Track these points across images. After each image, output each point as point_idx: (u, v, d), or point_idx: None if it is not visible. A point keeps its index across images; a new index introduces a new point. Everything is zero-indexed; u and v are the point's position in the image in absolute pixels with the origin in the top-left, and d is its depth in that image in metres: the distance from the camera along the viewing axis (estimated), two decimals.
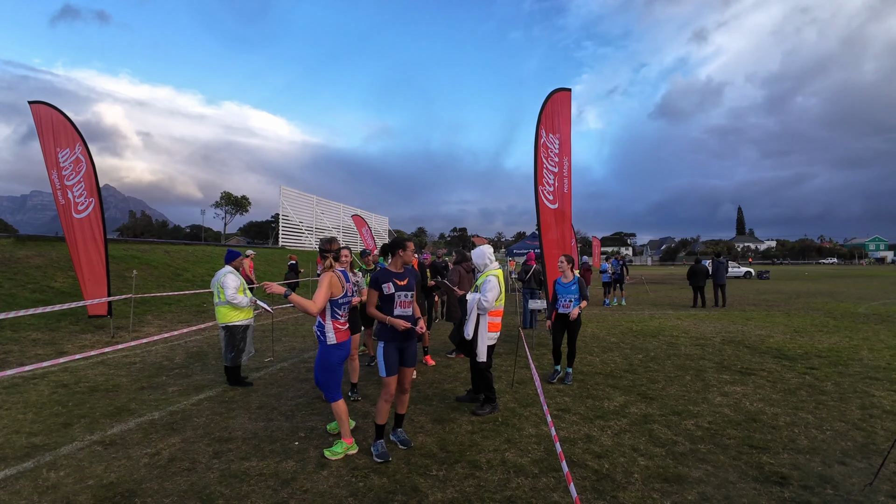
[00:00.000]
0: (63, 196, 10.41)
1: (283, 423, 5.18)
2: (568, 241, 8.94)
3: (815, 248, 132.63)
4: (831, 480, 3.86)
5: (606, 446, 4.52)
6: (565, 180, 8.87)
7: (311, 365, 7.79)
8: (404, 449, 4.47)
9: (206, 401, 5.96)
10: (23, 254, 13.87)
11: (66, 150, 10.35)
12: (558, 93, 8.92)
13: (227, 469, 4.09)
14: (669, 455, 4.32)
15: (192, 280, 16.92)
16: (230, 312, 6.47)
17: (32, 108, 10.69)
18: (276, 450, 4.47)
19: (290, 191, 34.35)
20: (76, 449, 4.55)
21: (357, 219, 28.54)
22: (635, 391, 6.26)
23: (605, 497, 3.61)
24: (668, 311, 15.16)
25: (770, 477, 3.92)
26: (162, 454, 4.40)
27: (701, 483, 3.82)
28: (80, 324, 10.91)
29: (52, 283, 12.70)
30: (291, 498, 3.61)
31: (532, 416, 5.34)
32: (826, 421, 5.16)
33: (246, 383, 6.62)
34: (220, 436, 4.81)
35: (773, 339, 9.82)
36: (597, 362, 7.90)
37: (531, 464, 4.17)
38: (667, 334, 10.61)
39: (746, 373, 7.12)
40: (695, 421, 5.15)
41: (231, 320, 6.45)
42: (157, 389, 6.47)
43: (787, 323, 12.31)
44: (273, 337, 9.52)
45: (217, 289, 6.50)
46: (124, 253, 16.56)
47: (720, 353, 8.49)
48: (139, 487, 3.80)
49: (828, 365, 7.57)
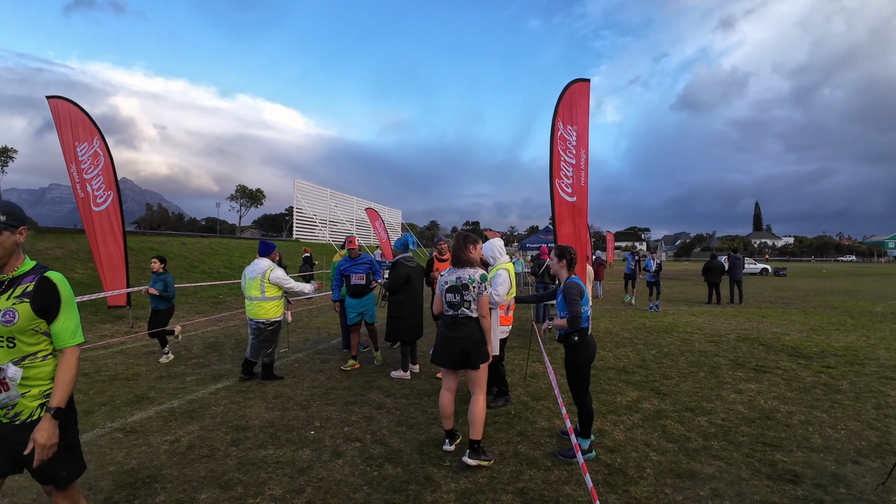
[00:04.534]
0: (82, 189, 10.58)
1: (299, 412, 5.26)
2: (582, 235, 8.89)
3: (833, 245, 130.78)
4: (844, 479, 3.84)
5: (619, 441, 4.54)
6: (582, 173, 8.80)
7: (325, 356, 7.88)
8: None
9: (224, 390, 6.06)
10: (43, 246, 14.14)
11: (84, 144, 10.51)
12: (577, 83, 8.81)
13: (245, 457, 4.17)
14: (682, 451, 4.33)
15: (208, 272, 17.13)
16: (273, 308, 6.33)
17: (50, 102, 10.85)
18: (293, 438, 4.55)
19: (304, 184, 34.55)
20: (97, 436, 4.65)
21: (371, 212, 28.65)
22: (648, 387, 6.26)
23: (618, 491, 3.63)
24: (681, 308, 15.06)
25: (783, 475, 3.91)
26: (181, 441, 4.50)
27: (713, 479, 3.83)
28: (99, 314, 11.12)
29: (71, 275, 12.94)
30: (308, 485, 3.68)
31: (544, 410, 5.37)
32: (841, 420, 5.12)
33: (278, 377, 6.51)
34: (237, 424, 4.90)
35: (788, 337, 9.74)
36: (609, 357, 7.90)
37: (543, 457, 4.20)
38: (681, 330, 10.56)
39: (761, 370, 7.08)
40: (708, 418, 5.15)
41: (272, 316, 6.31)
42: (175, 378, 6.59)
43: (804, 321, 12.19)
44: (288, 328, 9.62)
45: (258, 284, 6.27)
46: (142, 245, 16.81)
47: (735, 351, 8.44)
48: (159, 473, 3.89)
49: (844, 364, 7.50)
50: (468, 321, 4.16)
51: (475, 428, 4.03)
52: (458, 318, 4.16)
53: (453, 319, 4.19)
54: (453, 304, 4.17)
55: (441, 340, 4.25)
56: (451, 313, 4.20)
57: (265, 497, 3.52)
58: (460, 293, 4.14)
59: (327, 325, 10.92)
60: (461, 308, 4.14)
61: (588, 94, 8.96)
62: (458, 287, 4.14)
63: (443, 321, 4.31)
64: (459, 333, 4.13)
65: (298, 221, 33.12)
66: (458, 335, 4.13)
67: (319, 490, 3.62)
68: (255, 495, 3.54)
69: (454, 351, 4.13)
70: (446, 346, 4.17)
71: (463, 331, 4.13)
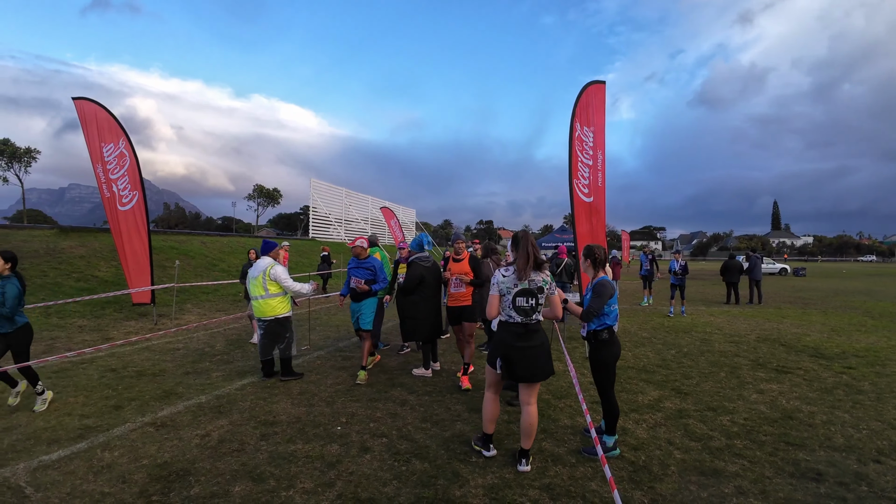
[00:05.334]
0: (108, 189, 10.80)
1: (325, 408, 5.36)
2: (599, 234, 8.91)
3: (853, 244, 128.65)
4: (866, 478, 3.87)
5: (642, 439, 4.57)
6: (599, 174, 8.84)
7: (346, 353, 7.99)
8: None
9: (249, 386, 6.19)
10: (66, 244, 14.44)
11: (110, 145, 10.72)
12: (592, 85, 8.89)
13: (275, 451, 4.28)
14: (705, 449, 4.36)
15: (227, 270, 17.37)
16: (279, 305, 6.41)
17: (76, 103, 11.07)
18: (320, 434, 4.65)
19: (320, 183, 34.81)
20: (129, 430, 4.78)
21: (386, 211, 28.82)
22: (669, 386, 6.28)
23: (643, 487, 3.68)
24: (700, 307, 14.98)
25: (806, 473, 3.93)
26: (211, 436, 4.61)
27: (737, 477, 3.86)
28: (123, 311, 11.35)
29: (95, 273, 13.22)
30: (338, 479, 3.77)
31: (567, 408, 5.41)
32: (862, 420, 5.12)
33: (297, 374, 6.56)
34: (265, 419, 5.01)
35: (809, 338, 9.67)
36: (629, 357, 7.92)
37: (568, 454, 4.26)
38: (700, 330, 10.52)
39: (782, 371, 7.06)
40: (730, 417, 5.16)
41: (279, 313, 6.40)
42: (201, 374, 6.73)
43: (824, 321, 12.07)
44: (309, 326, 9.75)
45: (260, 282, 6.37)
46: (163, 244, 17.09)
47: (755, 351, 8.40)
48: (192, 467, 4.01)
49: (865, 365, 7.44)
50: (539, 328, 3.93)
51: (531, 439, 3.93)
52: (531, 326, 3.86)
53: (525, 328, 3.85)
54: (525, 309, 3.84)
55: (513, 353, 3.85)
56: (520, 320, 3.84)
57: (297, 490, 3.62)
58: (535, 297, 3.84)
59: (346, 323, 11.03)
60: (534, 314, 3.86)
61: (604, 95, 9.06)
62: (534, 291, 3.83)
63: (507, 330, 3.90)
64: (534, 342, 3.85)
65: (314, 220, 33.38)
66: (533, 344, 3.84)
67: (350, 484, 3.71)
68: (288, 488, 3.64)
69: (535, 362, 3.84)
70: (525, 359, 3.83)
71: (538, 338, 3.87)
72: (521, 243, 3.93)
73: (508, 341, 3.86)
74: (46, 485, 3.74)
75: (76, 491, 3.65)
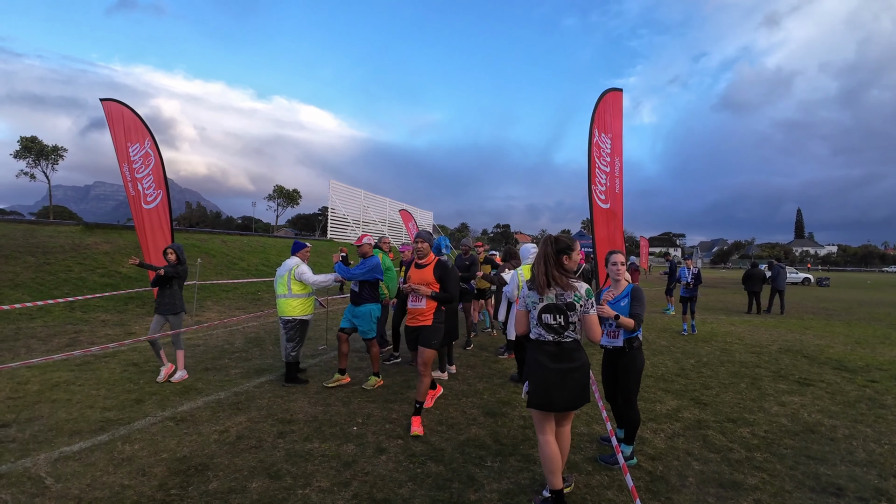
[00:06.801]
0: (133, 188, 11.00)
1: (341, 408, 5.40)
2: (618, 240, 8.88)
3: (878, 254, 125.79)
4: (886, 493, 3.80)
5: (660, 449, 4.53)
6: (616, 180, 8.82)
7: (362, 354, 8.02)
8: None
9: (267, 384, 6.26)
10: (91, 240, 14.72)
11: (136, 145, 10.92)
12: (610, 93, 8.92)
13: (292, 449, 4.32)
14: (724, 461, 4.30)
15: (247, 269, 17.56)
16: (299, 306, 6.42)
17: (104, 104, 11.31)
18: (336, 433, 4.69)
19: (339, 185, 35.05)
20: (149, 423, 4.87)
21: (404, 213, 28.92)
22: (688, 396, 6.20)
23: (660, 498, 3.64)
24: (720, 317, 14.77)
25: (827, 488, 3.86)
26: (230, 431, 4.68)
27: (756, 490, 3.80)
28: (146, 307, 11.54)
29: (119, 269, 13.45)
30: (354, 479, 3.80)
31: (582, 416, 5.37)
32: (885, 435, 5.01)
33: (302, 381, 6.38)
34: (282, 417, 5.07)
35: (832, 350, 9.48)
36: (647, 365, 7.81)
37: (584, 461, 4.23)
38: (720, 340, 10.37)
39: (805, 383, 6.93)
40: (750, 429, 5.08)
41: (298, 314, 6.39)
42: (220, 371, 6.83)
43: (848, 333, 11.82)
44: (326, 325, 9.82)
45: (285, 281, 6.39)
46: (185, 242, 17.33)
47: (777, 362, 8.26)
48: (211, 462, 4.06)
49: (889, 378, 7.28)
50: (578, 346, 3.40)
51: (563, 462, 3.49)
52: (565, 344, 3.35)
53: (558, 346, 3.35)
54: (553, 327, 3.35)
55: (550, 377, 3.32)
56: (551, 338, 3.36)
57: (314, 489, 3.65)
58: (564, 314, 3.32)
59: None
60: (566, 332, 3.34)
61: (621, 102, 9.12)
62: (562, 307, 3.32)
63: (540, 350, 3.39)
64: (573, 363, 3.34)
65: (333, 221, 33.61)
66: (571, 365, 3.33)
67: (365, 484, 3.73)
68: (304, 486, 3.68)
69: (573, 386, 3.33)
70: (562, 382, 3.31)
71: (577, 358, 3.35)
72: (539, 250, 3.45)
73: (544, 362, 3.35)
74: (67, 476, 3.80)
75: (96, 483, 3.70)
